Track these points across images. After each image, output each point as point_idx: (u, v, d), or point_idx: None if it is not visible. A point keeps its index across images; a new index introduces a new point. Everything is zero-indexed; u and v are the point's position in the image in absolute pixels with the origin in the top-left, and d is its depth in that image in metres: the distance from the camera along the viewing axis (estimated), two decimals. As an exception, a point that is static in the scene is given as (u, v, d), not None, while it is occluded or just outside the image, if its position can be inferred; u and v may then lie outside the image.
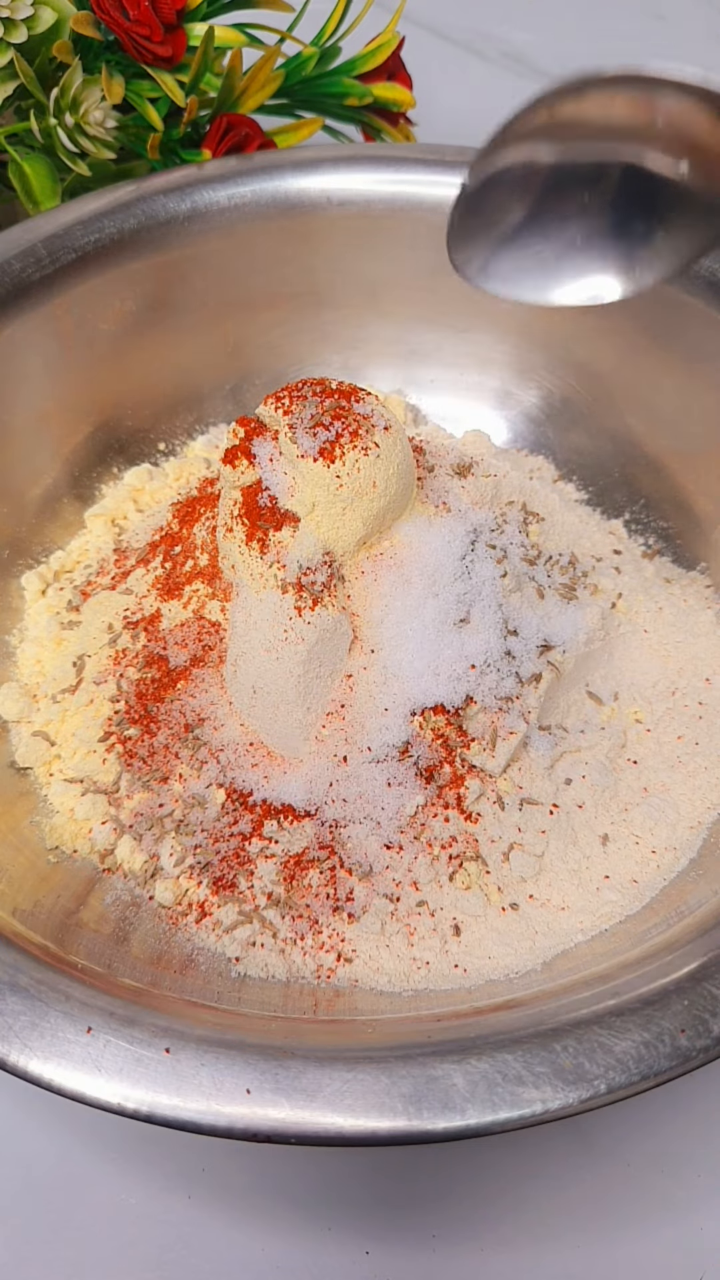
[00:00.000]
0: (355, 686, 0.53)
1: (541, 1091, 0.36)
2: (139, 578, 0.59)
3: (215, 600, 0.56)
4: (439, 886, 0.50)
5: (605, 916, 0.49)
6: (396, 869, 0.50)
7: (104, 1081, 0.37)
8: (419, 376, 0.72)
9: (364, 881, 0.50)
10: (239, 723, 0.54)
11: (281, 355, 0.72)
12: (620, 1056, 0.37)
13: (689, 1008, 0.38)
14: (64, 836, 0.52)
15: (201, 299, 0.68)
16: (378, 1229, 0.47)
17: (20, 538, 0.63)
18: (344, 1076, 0.37)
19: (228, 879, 0.50)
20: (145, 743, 0.53)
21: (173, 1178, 0.48)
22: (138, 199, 0.66)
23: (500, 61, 1.05)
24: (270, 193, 0.67)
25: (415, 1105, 0.36)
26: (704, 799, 0.53)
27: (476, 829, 0.51)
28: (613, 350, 0.66)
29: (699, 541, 0.64)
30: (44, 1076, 0.37)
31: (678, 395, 0.64)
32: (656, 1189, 0.48)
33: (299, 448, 0.51)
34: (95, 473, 0.67)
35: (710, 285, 0.61)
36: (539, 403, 0.70)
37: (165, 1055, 0.37)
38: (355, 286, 0.70)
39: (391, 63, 0.73)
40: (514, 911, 0.50)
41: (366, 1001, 0.47)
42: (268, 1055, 0.37)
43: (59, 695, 0.57)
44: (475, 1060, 0.37)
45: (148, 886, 0.50)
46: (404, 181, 0.67)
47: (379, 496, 0.51)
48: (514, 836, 0.51)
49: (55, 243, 0.63)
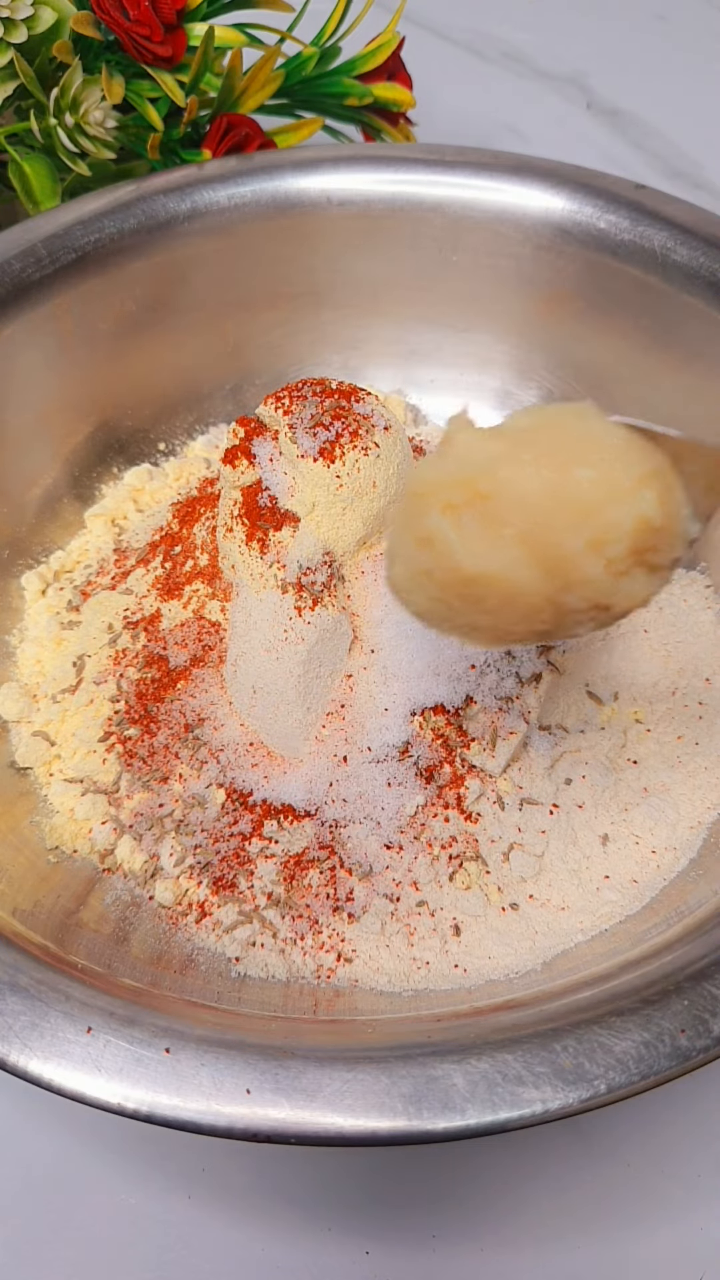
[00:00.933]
0: (355, 686, 0.53)
1: (541, 1092, 0.36)
2: (139, 578, 0.59)
3: (215, 600, 0.56)
4: (439, 886, 0.50)
5: (605, 916, 0.49)
6: (396, 869, 0.50)
7: (104, 1082, 0.37)
8: (419, 376, 0.72)
9: (364, 881, 0.50)
10: (239, 723, 0.54)
11: (281, 355, 0.72)
12: (620, 1056, 0.37)
13: (689, 1008, 0.38)
14: (64, 836, 0.52)
15: (201, 299, 0.68)
16: (378, 1229, 0.47)
17: (20, 538, 0.63)
18: (344, 1076, 0.37)
19: (228, 879, 0.50)
20: (145, 743, 0.53)
21: (173, 1178, 0.48)
22: (138, 199, 0.66)
23: (500, 62, 1.05)
24: (270, 193, 0.67)
25: (415, 1105, 0.36)
26: (704, 799, 0.53)
27: (476, 829, 0.51)
28: (612, 350, 0.66)
29: (699, 541, 0.63)
30: (44, 1077, 0.37)
31: (678, 395, 0.64)
32: (657, 1189, 0.48)
33: (299, 448, 0.51)
34: (95, 473, 0.67)
35: (710, 285, 0.61)
36: (539, 402, 0.70)
37: (165, 1055, 0.37)
38: (355, 286, 0.70)
39: (391, 63, 0.73)
40: (514, 911, 0.50)
41: (366, 1001, 0.47)
42: (268, 1055, 0.37)
43: (59, 695, 0.57)
44: (475, 1060, 0.37)
45: (148, 886, 0.50)
46: (404, 181, 0.67)
47: (379, 496, 0.51)
48: (514, 836, 0.51)
49: (55, 243, 0.63)
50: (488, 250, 0.67)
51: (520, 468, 0.35)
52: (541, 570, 0.36)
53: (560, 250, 0.65)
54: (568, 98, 1.02)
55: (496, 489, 0.36)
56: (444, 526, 0.36)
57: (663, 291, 0.63)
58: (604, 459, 0.36)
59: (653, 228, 0.63)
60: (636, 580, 0.37)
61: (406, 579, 0.38)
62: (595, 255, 0.65)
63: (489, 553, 0.36)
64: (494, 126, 0.98)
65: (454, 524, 0.36)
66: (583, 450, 0.36)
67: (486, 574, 0.36)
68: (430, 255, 0.68)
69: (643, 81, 1.03)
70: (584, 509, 0.35)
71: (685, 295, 0.62)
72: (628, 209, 0.64)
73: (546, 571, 0.36)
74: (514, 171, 0.66)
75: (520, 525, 0.35)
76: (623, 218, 0.64)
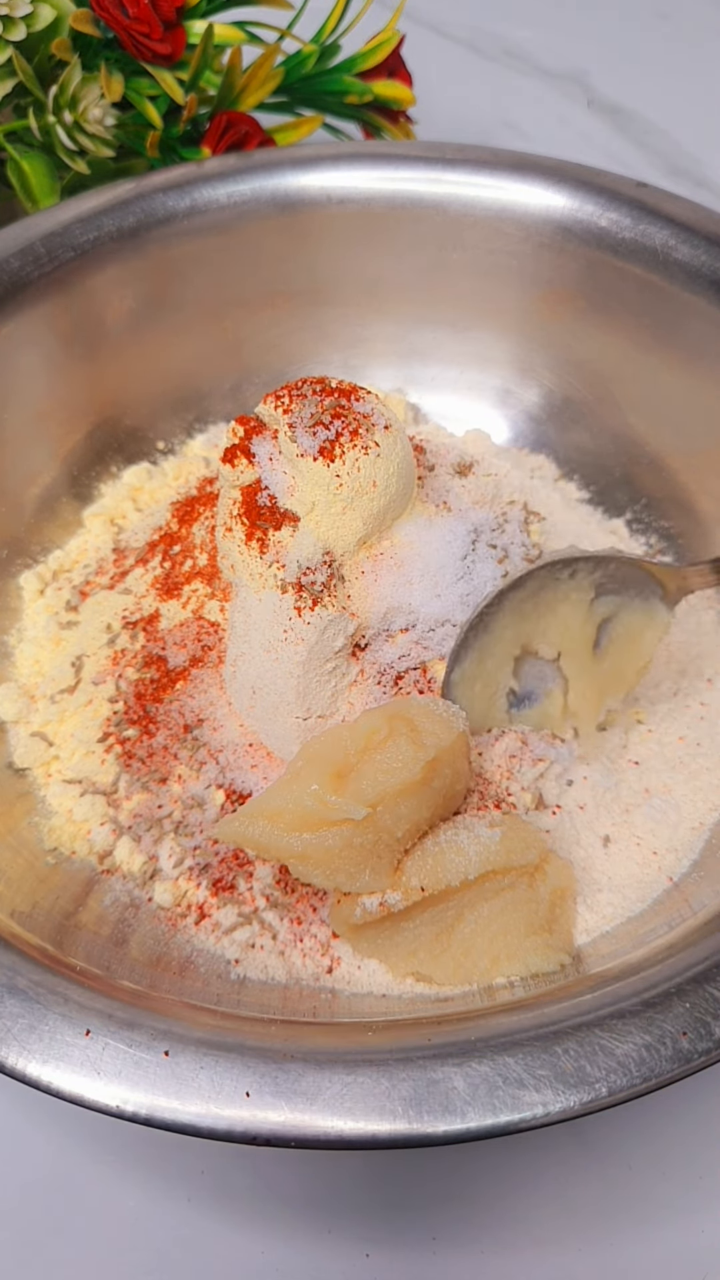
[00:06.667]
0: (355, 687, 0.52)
1: (542, 1094, 0.36)
2: (138, 577, 0.59)
3: (214, 600, 0.56)
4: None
5: (606, 918, 0.49)
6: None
7: (103, 1084, 0.37)
8: (419, 375, 0.72)
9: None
10: (238, 723, 0.53)
11: (281, 353, 0.71)
12: (621, 1059, 0.37)
13: (691, 1010, 0.38)
14: (62, 838, 0.52)
15: (200, 297, 0.68)
16: (378, 1231, 0.47)
17: (18, 537, 0.63)
18: (344, 1079, 0.36)
19: (227, 880, 0.50)
20: (144, 743, 0.53)
21: (172, 1180, 0.48)
22: (137, 197, 0.65)
23: (501, 59, 1.05)
24: (270, 190, 0.67)
25: (415, 1108, 0.36)
26: (706, 800, 0.53)
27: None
28: (614, 348, 0.66)
29: (701, 541, 0.63)
30: (43, 1079, 0.37)
31: (680, 393, 0.64)
32: (658, 1191, 0.48)
33: (299, 447, 0.51)
34: (94, 472, 0.67)
35: (712, 284, 0.61)
36: (540, 401, 0.70)
37: (164, 1058, 0.37)
38: (355, 285, 0.70)
39: (391, 60, 0.73)
40: (515, 913, 0.50)
41: (366, 1004, 0.46)
42: (267, 1058, 0.37)
43: (57, 696, 0.56)
44: (476, 1063, 0.37)
45: (147, 888, 0.50)
46: (404, 179, 0.67)
47: (379, 495, 0.51)
48: (515, 837, 0.51)
49: (54, 241, 0.63)
50: (488, 248, 0.67)
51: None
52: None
53: (561, 248, 0.65)
54: (569, 95, 1.02)
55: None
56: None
57: (664, 290, 0.62)
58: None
59: (654, 226, 0.63)
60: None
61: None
62: (596, 253, 0.64)
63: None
64: (494, 124, 0.98)
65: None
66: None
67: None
68: (430, 253, 0.68)
69: (644, 79, 1.03)
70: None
71: (687, 293, 0.62)
72: (629, 207, 0.64)
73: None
74: (515, 169, 0.66)
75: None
76: (624, 216, 0.64)
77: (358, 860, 0.45)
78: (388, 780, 0.45)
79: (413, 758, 0.45)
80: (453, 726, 0.48)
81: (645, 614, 0.52)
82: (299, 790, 0.45)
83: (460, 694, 0.51)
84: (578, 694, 0.52)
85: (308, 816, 0.45)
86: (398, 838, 0.46)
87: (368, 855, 0.45)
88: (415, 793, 0.45)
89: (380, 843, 0.45)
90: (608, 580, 0.52)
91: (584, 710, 0.52)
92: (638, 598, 0.52)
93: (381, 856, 0.45)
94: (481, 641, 0.51)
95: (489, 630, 0.51)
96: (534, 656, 0.53)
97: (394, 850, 0.46)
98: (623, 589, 0.52)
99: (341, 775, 0.46)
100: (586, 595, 0.52)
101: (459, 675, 0.51)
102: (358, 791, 0.45)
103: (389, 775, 0.45)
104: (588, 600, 0.52)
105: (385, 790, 0.45)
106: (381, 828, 0.45)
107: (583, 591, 0.52)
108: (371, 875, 0.45)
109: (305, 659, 0.51)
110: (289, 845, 0.45)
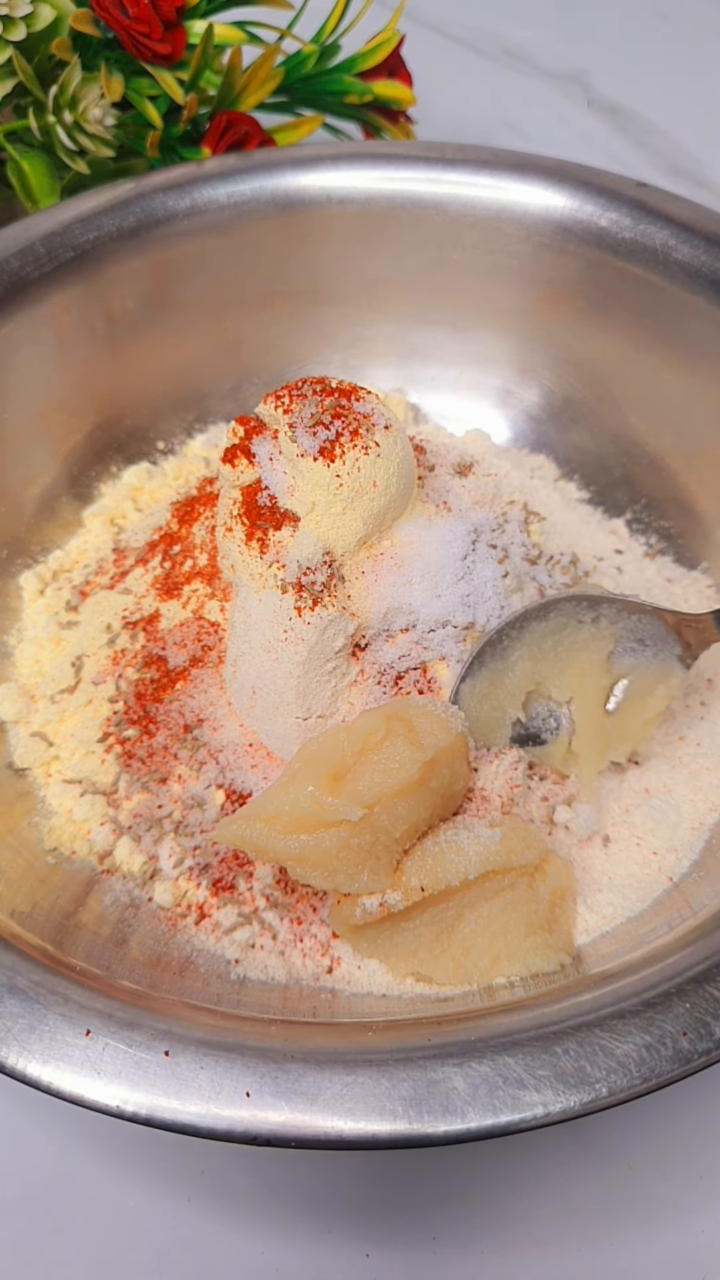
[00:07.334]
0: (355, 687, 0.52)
1: (542, 1095, 0.36)
2: (138, 577, 0.59)
3: (214, 600, 0.56)
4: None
5: (606, 918, 0.49)
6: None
7: (103, 1084, 0.37)
8: (419, 375, 0.72)
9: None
10: (238, 723, 0.53)
11: (281, 353, 0.71)
12: (622, 1059, 0.37)
13: (691, 1010, 0.38)
14: (62, 838, 0.52)
15: (200, 297, 0.68)
16: (378, 1231, 0.47)
17: (18, 537, 0.63)
18: (344, 1079, 0.36)
19: (227, 880, 0.50)
20: (144, 743, 0.53)
21: (172, 1180, 0.48)
22: (137, 197, 0.65)
23: (501, 59, 1.05)
24: (270, 190, 0.67)
25: (415, 1108, 0.36)
26: (706, 800, 0.53)
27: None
28: (614, 348, 0.66)
29: (701, 541, 0.63)
30: (43, 1079, 0.37)
31: (680, 393, 0.64)
32: (658, 1191, 0.48)
33: (299, 447, 0.51)
34: (94, 472, 0.67)
35: (712, 284, 0.61)
36: (540, 401, 0.70)
37: (164, 1058, 0.37)
38: (355, 285, 0.70)
39: (392, 60, 0.73)
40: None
41: (366, 1004, 0.46)
42: (267, 1058, 0.37)
43: (57, 696, 0.56)
44: (476, 1063, 0.37)
45: (147, 888, 0.50)
46: (404, 179, 0.67)
47: (379, 495, 0.51)
48: (515, 837, 0.51)
49: (54, 241, 0.63)
50: (488, 248, 0.67)
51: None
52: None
53: (561, 248, 0.65)
54: (569, 95, 1.02)
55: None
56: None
57: (664, 290, 0.62)
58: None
59: (654, 226, 0.63)
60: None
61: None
62: (596, 253, 0.64)
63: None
64: (494, 124, 0.98)
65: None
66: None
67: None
68: (430, 253, 0.68)
69: (644, 79, 1.03)
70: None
71: (687, 293, 0.62)
72: (629, 207, 0.64)
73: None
74: (515, 169, 0.66)
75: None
76: (624, 216, 0.64)
77: (356, 861, 0.45)
78: (385, 781, 0.45)
79: (410, 758, 0.45)
80: (451, 727, 0.48)
81: (661, 674, 0.52)
82: (295, 792, 0.45)
83: (467, 707, 0.51)
84: (583, 741, 0.52)
85: (304, 818, 0.45)
86: (396, 838, 0.46)
87: (366, 856, 0.45)
88: (413, 793, 0.45)
89: (378, 843, 0.45)
90: (628, 635, 0.52)
91: (587, 758, 0.52)
92: (655, 658, 0.52)
93: (380, 857, 0.45)
94: (496, 665, 0.51)
95: (504, 657, 0.51)
96: (545, 698, 0.53)
97: (392, 851, 0.46)
98: (642, 647, 0.52)
99: (338, 776, 0.46)
100: (606, 647, 0.52)
101: (469, 688, 0.51)
102: (355, 793, 0.45)
103: (386, 776, 0.45)
104: (606, 653, 0.52)
105: (382, 791, 0.45)
106: (379, 828, 0.45)
107: (603, 642, 0.52)
108: (370, 876, 0.45)
109: (305, 659, 0.51)
110: (287, 847, 0.45)
